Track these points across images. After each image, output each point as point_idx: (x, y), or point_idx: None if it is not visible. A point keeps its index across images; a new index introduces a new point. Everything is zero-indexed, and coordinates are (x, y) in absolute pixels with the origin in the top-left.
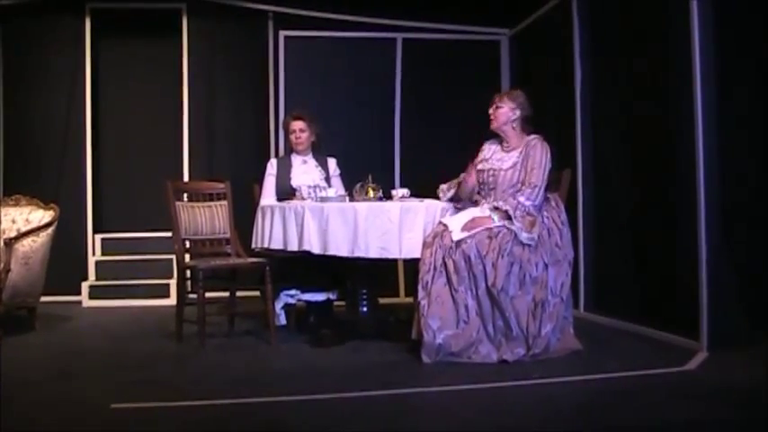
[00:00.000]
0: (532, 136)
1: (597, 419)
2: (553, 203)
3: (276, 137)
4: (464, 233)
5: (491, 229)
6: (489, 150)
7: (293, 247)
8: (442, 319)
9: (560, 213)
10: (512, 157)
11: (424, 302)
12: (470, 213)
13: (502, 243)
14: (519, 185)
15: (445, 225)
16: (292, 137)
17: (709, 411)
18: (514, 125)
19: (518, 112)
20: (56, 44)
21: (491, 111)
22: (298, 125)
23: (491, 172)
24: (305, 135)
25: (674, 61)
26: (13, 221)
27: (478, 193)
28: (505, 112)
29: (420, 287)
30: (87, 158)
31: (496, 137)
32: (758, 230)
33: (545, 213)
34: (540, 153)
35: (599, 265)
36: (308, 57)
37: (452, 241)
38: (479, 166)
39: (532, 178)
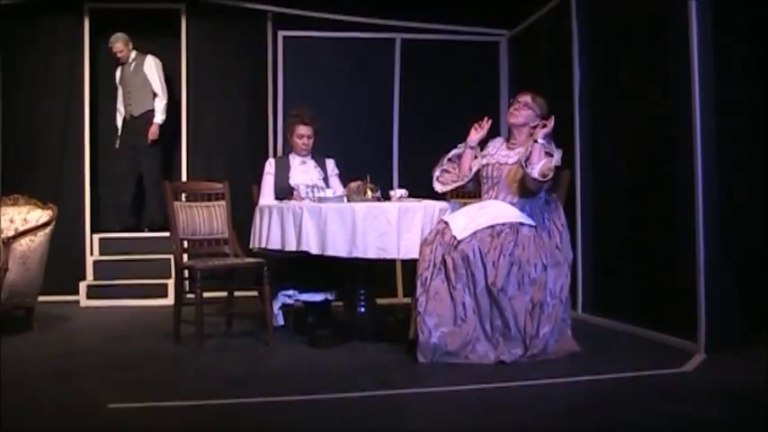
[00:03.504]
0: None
1: (595, 420)
2: (553, 206)
3: (275, 137)
4: (467, 231)
5: (494, 227)
6: (494, 147)
7: (291, 247)
8: (440, 316)
9: (560, 216)
10: (517, 153)
11: (422, 299)
12: (471, 211)
13: (504, 242)
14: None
15: (446, 222)
16: (299, 141)
17: (707, 413)
18: (529, 129)
19: (537, 120)
20: (55, 44)
21: (516, 106)
22: (307, 131)
23: (496, 166)
24: (311, 141)
25: (672, 63)
26: (12, 221)
27: (480, 188)
28: (530, 115)
29: (419, 284)
30: (86, 158)
31: (499, 136)
32: (756, 232)
33: (545, 215)
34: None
35: (597, 266)
36: (306, 57)
37: (454, 239)
38: (484, 161)
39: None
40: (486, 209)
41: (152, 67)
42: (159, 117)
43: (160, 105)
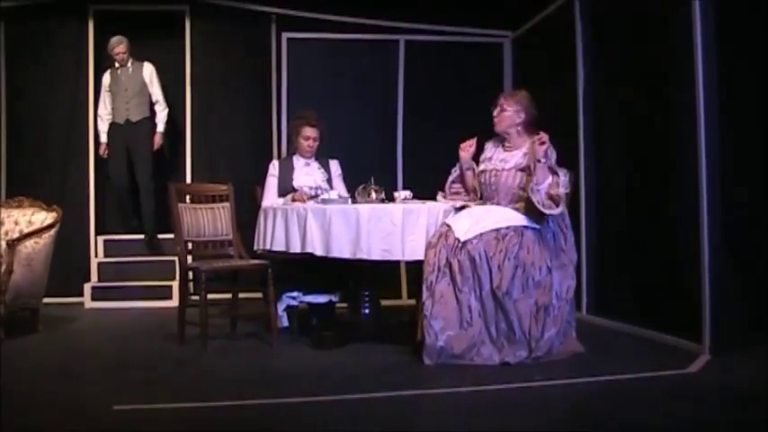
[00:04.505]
0: (542, 133)
1: (599, 422)
2: None
3: (279, 138)
4: (470, 233)
5: (498, 230)
6: (490, 150)
7: (296, 248)
8: (446, 320)
9: (564, 217)
10: (514, 157)
11: (427, 303)
12: (474, 213)
13: (508, 246)
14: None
15: (449, 225)
16: (305, 143)
17: (712, 414)
18: (519, 128)
19: (522, 115)
20: (60, 46)
21: (495, 113)
22: (313, 133)
23: (493, 172)
24: (316, 144)
25: (676, 63)
26: (16, 223)
27: (481, 196)
28: (510, 116)
29: (424, 287)
30: (90, 160)
31: (497, 136)
32: (760, 232)
33: (549, 217)
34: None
35: (601, 267)
36: (310, 59)
37: (457, 241)
38: (481, 167)
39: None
40: (490, 212)
41: (153, 75)
42: (162, 126)
43: (162, 114)
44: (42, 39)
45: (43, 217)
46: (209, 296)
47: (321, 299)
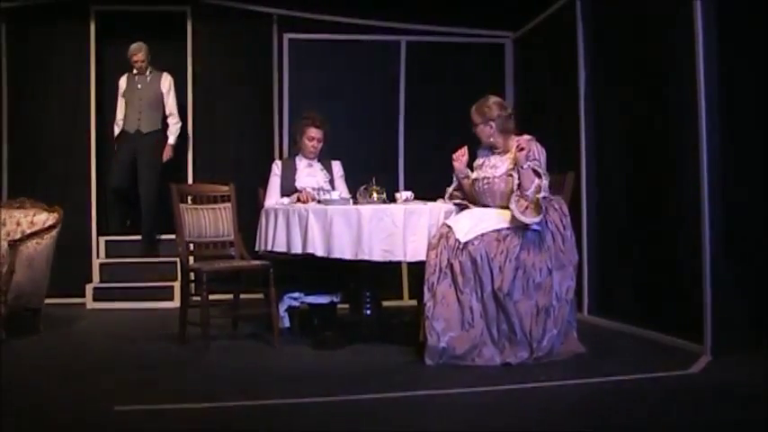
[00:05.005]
0: (523, 137)
1: (600, 422)
2: (557, 206)
3: (280, 139)
4: (471, 234)
5: (500, 231)
6: (481, 157)
7: (297, 249)
8: (447, 321)
9: (563, 217)
10: (504, 162)
11: (429, 304)
12: (474, 214)
13: (509, 247)
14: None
15: (449, 226)
16: (309, 143)
17: (712, 415)
18: (496, 135)
19: (492, 123)
20: (61, 47)
21: (473, 129)
22: (318, 134)
23: (485, 180)
24: (320, 145)
25: (676, 63)
26: (18, 224)
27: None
28: (482, 129)
29: (426, 289)
30: (92, 161)
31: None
32: (762, 232)
33: (548, 218)
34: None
35: (603, 268)
36: (312, 59)
37: (458, 242)
38: (474, 175)
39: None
40: (490, 214)
41: (170, 86)
42: (173, 139)
43: (175, 128)
44: (43, 39)
45: (45, 218)
46: (211, 297)
47: (322, 299)
